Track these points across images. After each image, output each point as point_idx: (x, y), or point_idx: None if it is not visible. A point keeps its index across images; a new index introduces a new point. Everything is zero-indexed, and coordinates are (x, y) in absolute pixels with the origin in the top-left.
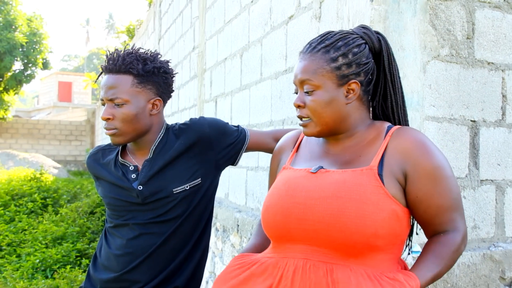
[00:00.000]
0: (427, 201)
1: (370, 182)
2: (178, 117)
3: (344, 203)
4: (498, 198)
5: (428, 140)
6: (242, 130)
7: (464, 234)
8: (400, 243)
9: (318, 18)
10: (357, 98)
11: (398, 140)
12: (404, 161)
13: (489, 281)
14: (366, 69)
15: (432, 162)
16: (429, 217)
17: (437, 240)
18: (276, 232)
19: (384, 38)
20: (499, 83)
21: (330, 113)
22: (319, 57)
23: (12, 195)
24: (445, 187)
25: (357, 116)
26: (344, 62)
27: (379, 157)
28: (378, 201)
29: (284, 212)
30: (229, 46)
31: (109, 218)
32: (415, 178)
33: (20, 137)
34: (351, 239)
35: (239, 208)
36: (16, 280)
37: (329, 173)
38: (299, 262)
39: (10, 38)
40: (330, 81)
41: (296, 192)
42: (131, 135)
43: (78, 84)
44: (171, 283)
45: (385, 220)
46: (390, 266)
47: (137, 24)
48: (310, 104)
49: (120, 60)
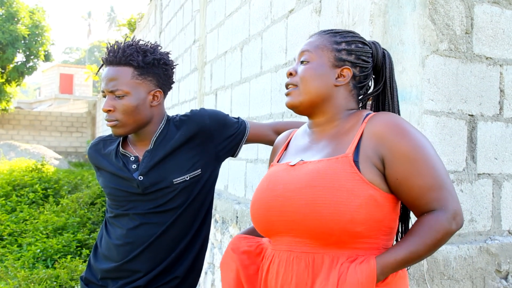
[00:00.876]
0: (408, 183)
1: (345, 169)
2: (178, 109)
3: (318, 192)
4: (495, 192)
5: (403, 122)
6: (242, 122)
7: (453, 212)
8: (386, 229)
9: (319, 12)
10: (346, 87)
11: (372, 125)
12: (380, 145)
13: (485, 273)
14: (363, 67)
15: (408, 143)
16: (413, 199)
17: (420, 221)
18: (262, 226)
19: (389, 54)
20: (497, 78)
21: (317, 85)
22: (326, 38)
23: (14, 185)
24: (425, 166)
25: (342, 103)
26: (346, 48)
27: (354, 143)
28: (353, 188)
29: (265, 206)
30: (230, 40)
31: (110, 208)
32: (392, 161)
33: (21, 128)
34: (328, 227)
35: (238, 200)
36: (17, 269)
37: (306, 164)
38: (283, 254)
39: (13, 30)
40: (326, 58)
41: (275, 185)
42: (132, 126)
43: (79, 76)
44: (171, 273)
45: (362, 206)
46: (372, 251)
47: (138, 17)
48: (302, 72)
49: (121, 52)
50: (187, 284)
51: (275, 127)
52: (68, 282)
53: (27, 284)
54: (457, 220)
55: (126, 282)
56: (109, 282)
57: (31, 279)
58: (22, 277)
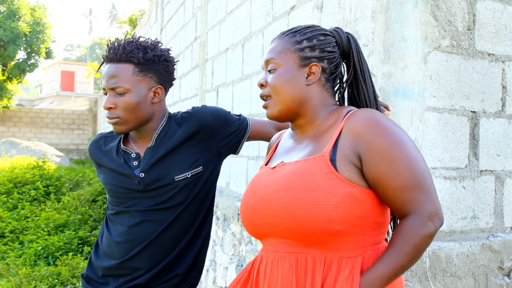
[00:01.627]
0: (384, 182)
1: (321, 169)
2: (180, 106)
3: (294, 193)
4: (497, 189)
5: (383, 118)
6: (244, 119)
7: (429, 214)
8: (371, 224)
9: (320, 9)
10: (319, 83)
11: (351, 122)
12: (356, 142)
13: (487, 270)
14: (330, 58)
15: (385, 140)
16: (389, 199)
17: (397, 229)
18: (249, 229)
19: (354, 38)
20: (499, 74)
21: (289, 91)
22: (286, 40)
23: (15, 182)
24: (401, 166)
25: (318, 101)
26: (308, 45)
27: (332, 142)
28: (329, 187)
29: (249, 210)
30: (231, 37)
31: (111, 205)
32: (368, 158)
33: (23, 125)
34: (306, 227)
35: (240, 197)
36: (19, 266)
37: (285, 165)
38: (270, 255)
39: (14, 27)
40: (292, 61)
41: (257, 189)
42: (133, 123)
43: (80, 73)
44: (173, 270)
45: (339, 204)
46: (358, 246)
47: (139, 14)
48: (271, 81)
49: (121, 49)
50: (188, 281)
51: (277, 124)
52: (70, 279)
53: (28, 282)
54: (434, 220)
55: (127, 280)
56: (110, 279)
57: (32, 276)
58: (23, 275)
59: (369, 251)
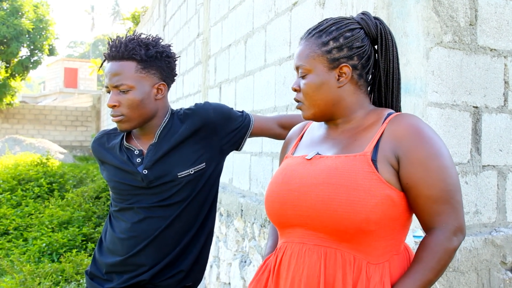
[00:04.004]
0: (416, 190)
1: (363, 168)
2: (183, 103)
3: (335, 189)
4: (500, 184)
5: (426, 127)
6: (247, 115)
7: (454, 229)
8: (400, 228)
9: (322, 5)
10: (351, 82)
11: (394, 125)
12: (397, 146)
13: (490, 265)
14: (359, 53)
15: (425, 149)
16: (418, 207)
17: (422, 244)
18: (276, 218)
19: (383, 24)
20: (501, 70)
21: (322, 96)
22: (312, 42)
23: (19, 180)
24: (437, 177)
25: (353, 100)
26: (335, 45)
27: (374, 142)
28: (370, 187)
29: (280, 199)
30: (234, 33)
31: (114, 202)
32: (406, 164)
33: (26, 122)
34: (342, 224)
35: (243, 193)
36: (23, 263)
37: (323, 159)
38: (296, 246)
39: (17, 24)
40: (321, 65)
41: (291, 179)
42: (137, 120)
43: (84, 70)
44: (176, 266)
45: (377, 205)
46: (386, 251)
47: (142, 11)
48: (303, 87)
49: (123, 46)
50: (192, 277)
51: (280, 121)
52: (74, 276)
53: (32, 278)
54: (458, 235)
55: (131, 276)
56: (114, 276)
57: (36, 273)
58: (27, 271)
59: (395, 256)
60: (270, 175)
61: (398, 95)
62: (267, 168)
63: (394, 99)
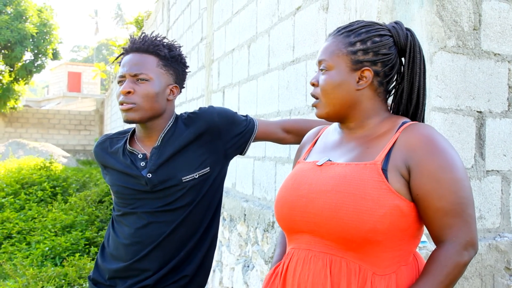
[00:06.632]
0: (427, 201)
1: (372, 177)
2: (186, 107)
3: (342, 197)
4: (504, 189)
5: (440, 138)
6: (251, 120)
7: (465, 243)
8: (409, 238)
9: (326, 9)
10: (371, 88)
11: (407, 135)
12: (409, 156)
13: (494, 271)
14: (384, 60)
15: (437, 161)
16: (428, 219)
17: (432, 257)
18: (284, 223)
19: (413, 36)
20: (505, 74)
21: (339, 95)
22: (340, 40)
23: (22, 183)
24: (449, 189)
25: (368, 106)
26: (362, 48)
27: (385, 151)
28: (378, 197)
29: (289, 205)
30: (237, 37)
31: (117, 206)
32: (417, 175)
33: (30, 126)
34: (349, 233)
35: (246, 198)
36: (26, 267)
37: (334, 166)
38: (302, 252)
39: (21, 28)
40: (344, 64)
41: (300, 185)
42: (147, 113)
43: (87, 74)
44: (180, 271)
45: (386, 215)
46: (393, 262)
47: (145, 15)
48: (322, 83)
49: (149, 41)
50: (196, 282)
51: (283, 125)
52: (77, 280)
53: (35, 282)
54: (469, 250)
55: (135, 282)
56: (117, 281)
57: (39, 277)
58: (30, 275)
59: (403, 267)
60: (273, 179)
61: (423, 109)
62: (270, 172)
63: (418, 112)
